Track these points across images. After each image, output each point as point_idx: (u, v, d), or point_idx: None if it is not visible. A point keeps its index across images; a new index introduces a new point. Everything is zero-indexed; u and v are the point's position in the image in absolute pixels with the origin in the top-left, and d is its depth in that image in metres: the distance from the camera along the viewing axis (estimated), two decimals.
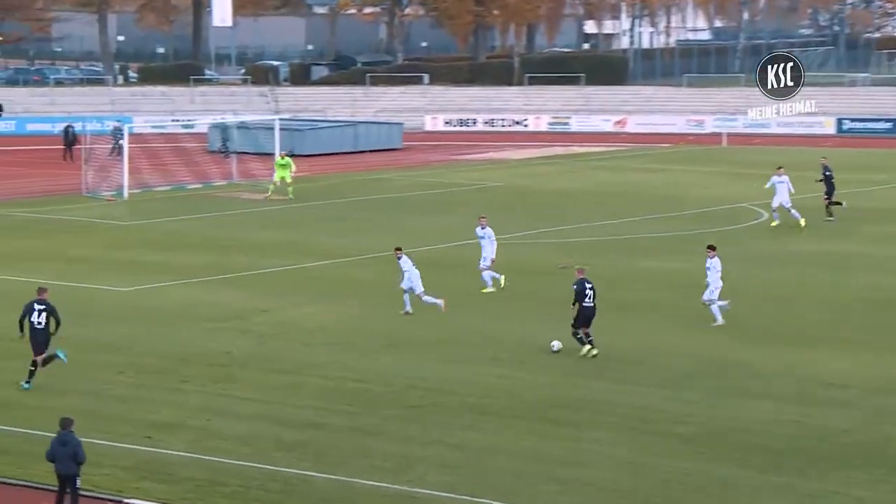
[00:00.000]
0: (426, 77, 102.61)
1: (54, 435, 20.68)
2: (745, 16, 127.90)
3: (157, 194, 58.43)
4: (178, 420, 25.63)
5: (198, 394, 27.40)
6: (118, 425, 25.21)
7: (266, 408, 26.54)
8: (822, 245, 45.82)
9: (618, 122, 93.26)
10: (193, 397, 27.14)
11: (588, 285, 31.05)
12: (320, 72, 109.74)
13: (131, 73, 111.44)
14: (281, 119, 70.19)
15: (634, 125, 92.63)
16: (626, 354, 30.80)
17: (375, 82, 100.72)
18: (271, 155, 62.69)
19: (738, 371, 29.49)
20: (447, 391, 27.74)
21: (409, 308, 34.65)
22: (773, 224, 49.53)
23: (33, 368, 27.64)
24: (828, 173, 51.12)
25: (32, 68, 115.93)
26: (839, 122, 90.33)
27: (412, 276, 34.62)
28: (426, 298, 34.65)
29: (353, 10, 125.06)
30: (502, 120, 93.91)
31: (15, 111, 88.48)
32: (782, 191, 49.30)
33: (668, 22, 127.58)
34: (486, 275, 37.97)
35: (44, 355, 27.71)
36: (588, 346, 30.64)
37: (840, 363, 30.25)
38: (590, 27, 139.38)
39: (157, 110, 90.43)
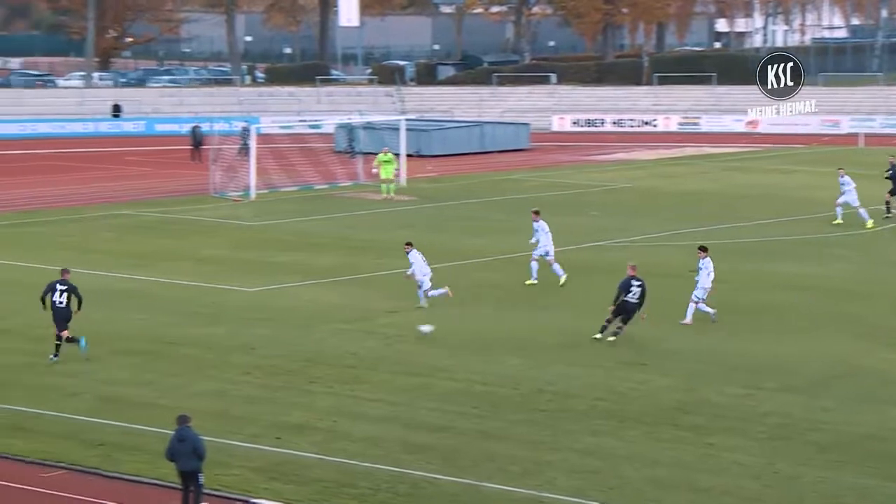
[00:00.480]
0: (553, 77, 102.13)
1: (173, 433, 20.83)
2: (884, 13, 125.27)
3: (284, 195, 58.72)
4: (307, 421, 25.58)
5: (326, 395, 27.34)
6: (247, 426, 25.23)
7: (394, 410, 26.40)
8: None
9: (749, 123, 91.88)
10: (321, 399, 27.07)
11: (636, 283, 31.80)
12: (447, 71, 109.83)
13: (259, 74, 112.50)
14: (407, 119, 70.21)
15: (767, 125, 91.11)
16: (757, 360, 30.19)
17: (502, 82, 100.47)
18: (397, 155, 62.75)
19: (873, 378, 28.75)
20: (575, 395, 27.38)
21: (423, 303, 35.01)
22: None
23: (58, 343, 29.39)
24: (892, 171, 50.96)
25: (162, 69, 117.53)
26: None
27: (420, 271, 34.99)
28: (431, 293, 35.03)
29: (479, 10, 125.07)
30: (631, 120, 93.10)
31: (144, 112, 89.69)
32: (848, 191, 49.94)
33: (803, 20, 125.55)
34: (556, 267, 38.40)
35: (68, 334, 29.38)
36: (609, 336, 31.38)
37: None
38: (721, 25, 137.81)
39: (284, 110, 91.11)
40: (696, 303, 33.71)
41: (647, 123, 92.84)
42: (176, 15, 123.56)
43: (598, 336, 31.61)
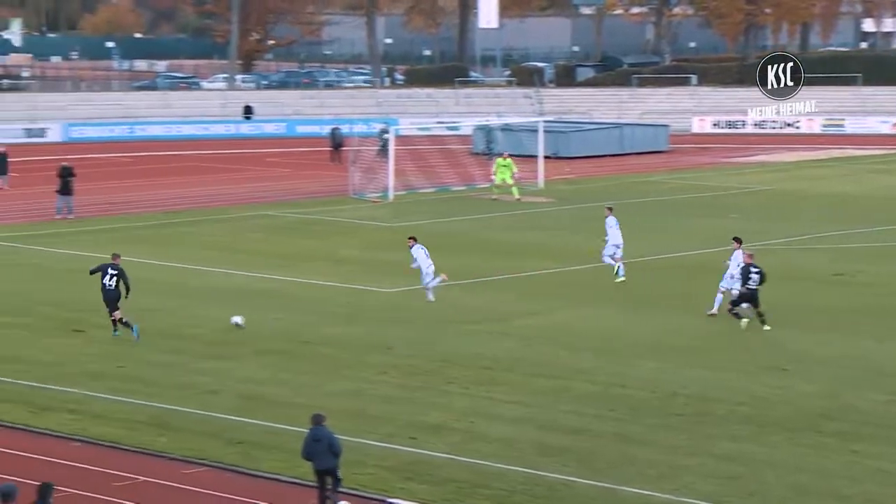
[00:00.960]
0: (694, 78, 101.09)
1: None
2: None
3: (422, 196, 58.94)
4: (442, 422, 25.59)
5: (462, 396, 27.33)
6: (382, 425, 25.32)
7: (530, 411, 26.30)
8: None
9: None
10: (457, 399, 27.07)
11: (754, 269, 32.47)
12: (585, 73, 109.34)
13: (398, 76, 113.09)
14: (545, 121, 70.03)
15: None
16: None
17: (642, 83, 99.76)
18: (534, 157, 62.64)
19: None
20: (714, 399, 27.03)
21: (430, 297, 35.26)
22: None
23: (113, 320, 32.07)
24: None
25: (303, 71, 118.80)
26: None
27: (423, 265, 35.14)
28: (431, 284, 35.22)
29: (619, 11, 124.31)
30: (773, 122, 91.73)
31: (285, 113, 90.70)
32: None
33: None
34: (620, 266, 38.85)
35: (119, 315, 31.92)
36: (746, 320, 32.39)
37: None
38: (868, 25, 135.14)
39: (422, 112, 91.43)
40: (722, 291, 34.33)
41: (789, 125, 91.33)
42: (317, 17, 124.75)
43: (743, 325, 32.42)
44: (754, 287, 32.49)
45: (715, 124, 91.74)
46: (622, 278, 38.59)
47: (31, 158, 71.41)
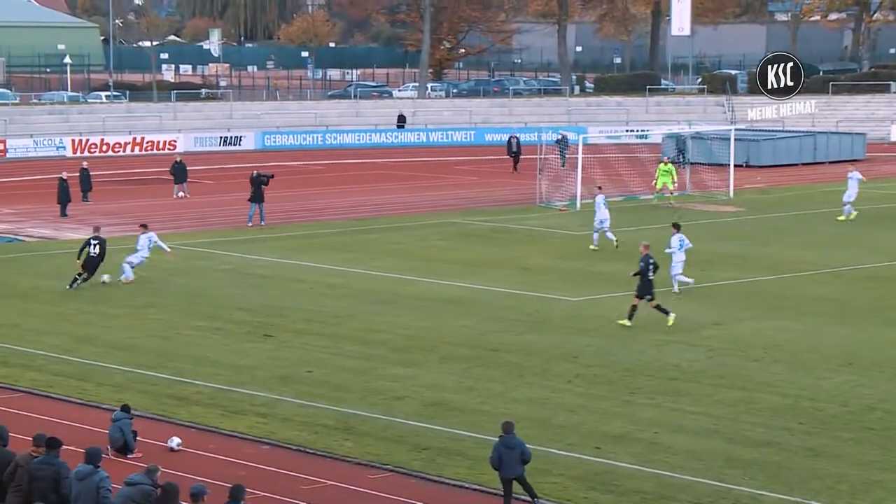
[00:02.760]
0: (893, 85, 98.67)
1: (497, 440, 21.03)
2: None
3: (610, 204, 58.48)
4: (627, 432, 25.42)
5: (646, 406, 27.11)
6: (567, 434, 25.26)
7: (716, 423, 25.97)
8: None
9: None
10: (642, 410, 26.87)
11: (651, 261, 34.07)
12: None
13: (588, 84, 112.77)
14: (737, 129, 69.11)
15: None
16: None
17: (838, 91, 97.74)
18: (725, 166, 61.86)
19: None
20: None
21: None
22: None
23: (77, 277, 38.30)
24: None
25: (493, 79, 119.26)
26: None
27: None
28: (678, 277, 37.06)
29: (816, 17, 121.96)
30: None
31: (474, 122, 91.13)
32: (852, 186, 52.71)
33: None
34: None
35: (86, 275, 38.40)
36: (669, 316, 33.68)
37: None
38: None
39: (611, 120, 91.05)
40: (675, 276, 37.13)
41: None
42: (508, 26, 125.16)
43: (628, 323, 33.57)
44: (651, 278, 33.94)
45: None
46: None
47: (226, 166, 73.10)
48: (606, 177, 63.25)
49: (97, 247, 38.51)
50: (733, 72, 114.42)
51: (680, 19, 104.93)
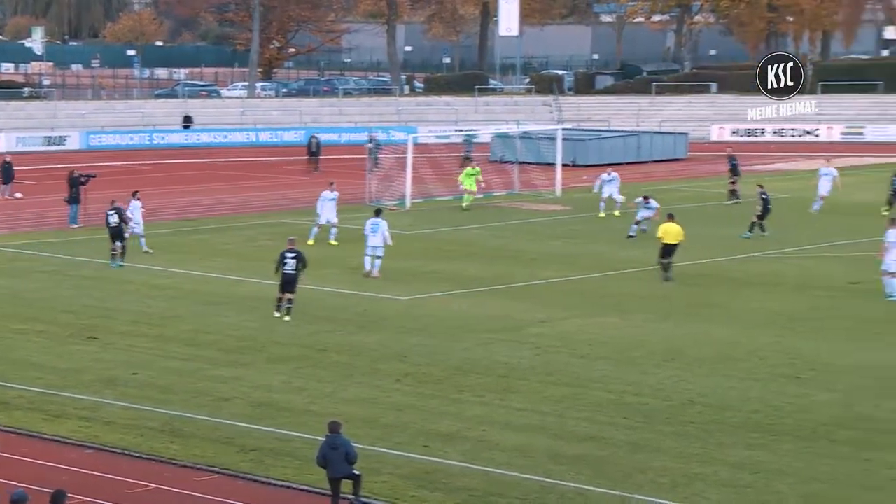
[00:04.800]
0: (714, 86, 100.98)
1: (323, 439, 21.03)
2: None
3: (439, 204, 58.97)
4: (456, 430, 25.57)
5: (475, 404, 27.31)
6: (396, 433, 25.32)
7: (543, 420, 26.27)
8: None
9: None
10: (471, 408, 27.05)
11: (290, 255, 34.71)
12: (605, 81, 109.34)
13: (417, 84, 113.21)
14: (564, 129, 70.02)
15: None
16: None
17: (661, 91, 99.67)
18: (552, 165, 62.62)
19: None
20: (729, 407, 26.97)
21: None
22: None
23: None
24: None
25: (323, 79, 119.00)
26: None
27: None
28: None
29: (640, 19, 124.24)
30: (792, 130, 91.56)
31: (304, 122, 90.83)
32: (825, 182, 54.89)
33: None
34: None
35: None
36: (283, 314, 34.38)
37: None
38: (890, 33, 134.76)
39: (441, 120, 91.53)
40: None
41: (808, 133, 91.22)
42: (338, 26, 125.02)
43: (277, 315, 34.42)
44: (292, 272, 34.56)
45: (734, 132, 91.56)
46: None
47: (50, 166, 71.68)
48: (436, 176, 63.65)
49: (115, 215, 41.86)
50: (560, 72, 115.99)
51: (508, 20, 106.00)
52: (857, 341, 32.68)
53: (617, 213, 54.03)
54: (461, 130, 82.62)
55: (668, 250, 40.47)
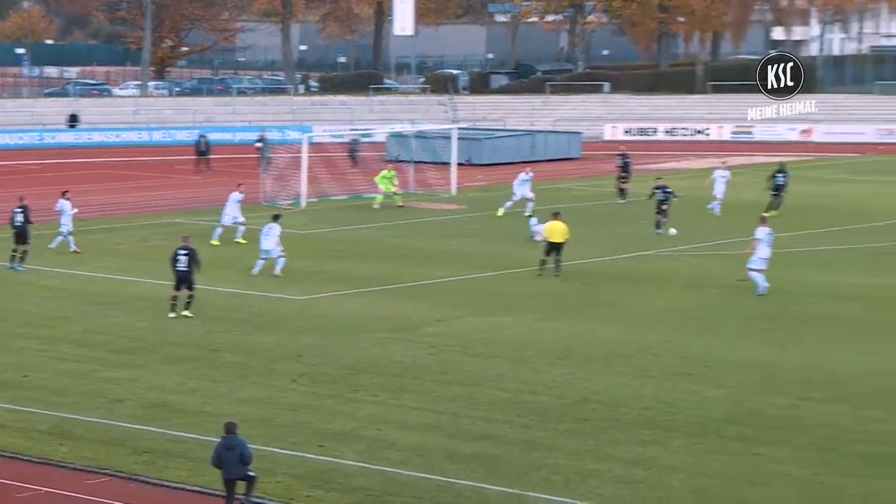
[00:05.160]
0: (607, 85, 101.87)
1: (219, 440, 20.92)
2: None
3: (335, 203, 58.88)
4: (351, 429, 25.56)
5: (370, 404, 27.32)
6: (291, 433, 25.26)
7: (438, 419, 26.35)
8: None
9: (804, 132, 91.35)
10: (366, 407, 27.06)
11: (182, 252, 34.74)
12: (499, 80, 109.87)
13: (312, 83, 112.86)
14: (459, 128, 70.23)
15: (821, 134, 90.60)
16: (806, 370, 29.95)
17: (555, 91, 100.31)
18: (448, 164, 62.79)
19: None
20: (622, 405, 27.24)
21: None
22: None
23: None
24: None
25: (216, 78, 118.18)
26: None
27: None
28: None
29: (534, 19, 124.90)
30: (683, 129, 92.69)
31: (198, 121, 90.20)
32: (720, 184, 54.98)
33: (861, 28, 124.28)
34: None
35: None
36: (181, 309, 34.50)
37: None
38: (778, 34, 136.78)
39: (336, 119, 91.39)
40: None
41: (699, 132, 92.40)
42: (231, 24, 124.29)
43: (172, 315, 34.48)
44: (184, 269, 34.63)
45: (627, 131, 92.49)
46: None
47: None
48: (331, 176, 63.52)
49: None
50: (455, 71, 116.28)
51: (402, 19, 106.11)
52: (745, 338, 33.16)
53: (501, 212, 54.05)
54: (356, 130, 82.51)
55: (553, 248, 40.82)
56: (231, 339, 32.67)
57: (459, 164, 64.87)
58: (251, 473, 21.01)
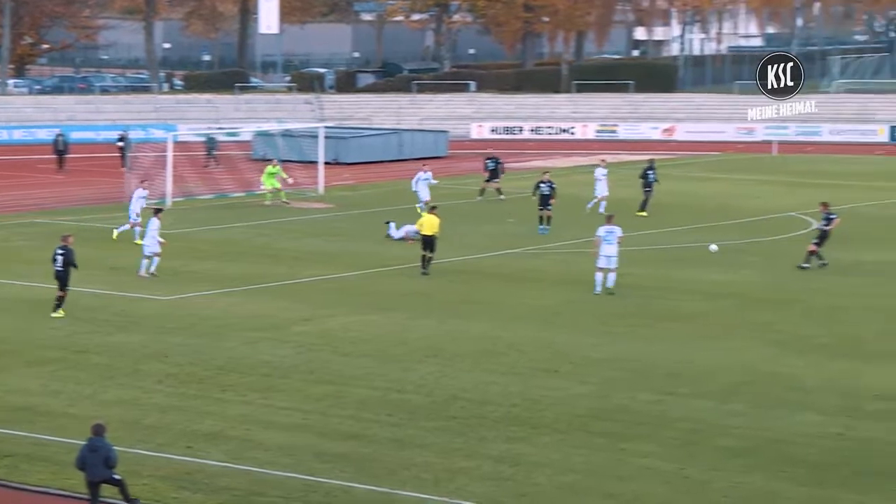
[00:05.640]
0: (473, 84, 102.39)
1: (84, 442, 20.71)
2: (799, 22, 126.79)
3: (200, 202, 58.42)
4: (219, 430, 25.41)
5: (238, 404, 27.19)
6: (158, 434, 25.05)
7: (307, 418, 26.30)
8: (874, 255, 45.22)
9: (666, 131, 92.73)
10: (233, 407, 26.92)
11: (59, 251, 34.48)
12: (366, 79, 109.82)
13: (177, 81, 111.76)
14: (326, 127, 70.08)
15: (683, 133, 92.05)
16: (670, 366, 30.42)
17: (421, 90, 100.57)
18: (315, 163, 62.64)
19: (783, 382, 29.06)
20: (490, 402, 27.42)
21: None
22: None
23: None
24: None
25: (78, 76, 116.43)
26: (893, 129, 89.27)
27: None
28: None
29: (400, 18, 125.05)
30: (549, 128, 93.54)
31: (59, 119, 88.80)
32: (602, 184, 54.89)
33: (720, 28, 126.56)
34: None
35: None
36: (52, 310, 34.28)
37: (889, 376, 29.71)
38: (640, 34, 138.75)
39: (202, 118, 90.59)
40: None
41: (564, 131, 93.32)
42: (93, 22, 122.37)
43: (55, 314, 34.22)
44: (60, 268, 34.44)
45: (493, 130, 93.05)
46: None
47: None
48: (197, 175, 63.03)
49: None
50: (321, 70, 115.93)
51: (268, 17, 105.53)
52: (611, 335, 33.56)
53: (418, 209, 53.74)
54: (223, 128, 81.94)
55: (427, 242, 41.04)
56: (96, 340, 32.28)
57: (326, 163, 64.73)
58: (116, 477, 20.78)
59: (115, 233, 46.95)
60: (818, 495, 22.37)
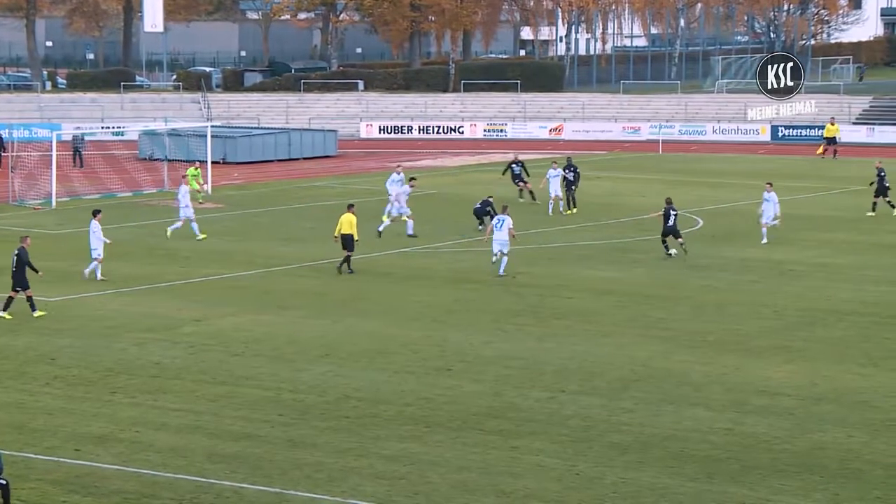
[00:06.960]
0: (361, 84, 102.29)
1: None
2: (682, 23, 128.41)
3: (87, 202, 57.68)
4: (108, 432, 25.15)
5: (128, 405, 26.93)
6: (46, 438, 24.73)
7: (198, 419, 26.12)
8: (759, 252, 45.92)
9: (553, 130, 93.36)
10: (123, 409, 26.67)
11: (15, 253, 34.77)
12: (253, 78, 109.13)
13: (60, 80, 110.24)
14: (213, 126, 69.59)
15: (570, 132, 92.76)
16: (562, 363, 30.64)
17: (309, 89, 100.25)
18: (203, 162, 62.19)
19: (672, 379, 29.39)
20: (383, 401, 27.44)
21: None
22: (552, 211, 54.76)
23: None
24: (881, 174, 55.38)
25: None
26: (774, 129, 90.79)
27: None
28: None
29: (286, 16, 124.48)
30: (437, 127, 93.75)
31: None
32: (556, 183, 55.10)
33: (605, 29, 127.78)
34: None
35: None
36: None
37: (774, 371, 30.21)
38: (526, 34, 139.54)
39: (86, 117, 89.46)
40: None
41: (453, 130, 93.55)
42: None
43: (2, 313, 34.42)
44: (13, 269, 34.70)
45: (382, 129, 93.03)
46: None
47: None
48: (83, 174, 62.26)
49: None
50: (208, 69, 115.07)
51: (152, 15, 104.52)
52: (503, 332, 33.72)
53: (385, 217, 52.52)
54: (108, 127, 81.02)
55: (346, 240, 41.00)
56: None
57: (214, 163, 64.30)
58: (2, 481, 20.48)
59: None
60: (707, 490, 22.66)
